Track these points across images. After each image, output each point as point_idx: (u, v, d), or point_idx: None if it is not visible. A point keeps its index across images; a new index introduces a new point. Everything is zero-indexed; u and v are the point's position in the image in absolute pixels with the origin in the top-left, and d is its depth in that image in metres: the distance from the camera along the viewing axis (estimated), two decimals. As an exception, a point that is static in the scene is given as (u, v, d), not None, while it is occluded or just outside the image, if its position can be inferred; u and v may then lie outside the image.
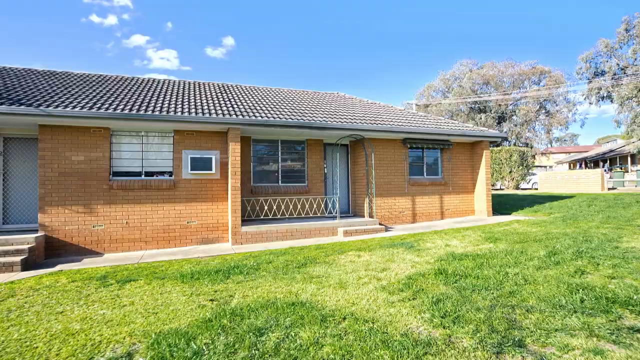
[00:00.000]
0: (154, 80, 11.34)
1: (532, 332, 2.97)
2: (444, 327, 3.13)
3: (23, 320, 3.68)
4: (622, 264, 4.72)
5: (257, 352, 2.80)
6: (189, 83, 11.63)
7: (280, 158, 9.78)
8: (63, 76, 9.86)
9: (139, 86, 9.96)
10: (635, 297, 3.51)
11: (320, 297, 4.07)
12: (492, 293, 3.89)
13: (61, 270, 5.92)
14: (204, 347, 2.90)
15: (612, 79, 28.76)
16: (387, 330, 3.12)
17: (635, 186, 19.16)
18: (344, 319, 3.41)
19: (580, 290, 3.80)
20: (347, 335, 3.04)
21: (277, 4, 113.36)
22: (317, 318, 3.40)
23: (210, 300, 4.14)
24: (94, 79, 10.09)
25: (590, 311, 3.29)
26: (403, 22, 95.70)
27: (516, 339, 2.84)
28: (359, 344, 2.86)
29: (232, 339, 3.03)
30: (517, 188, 23.31)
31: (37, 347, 3.05)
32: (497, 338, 2.87)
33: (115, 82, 10.03)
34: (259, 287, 4.54)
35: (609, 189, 17.95)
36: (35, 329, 3.43)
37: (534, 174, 25.84)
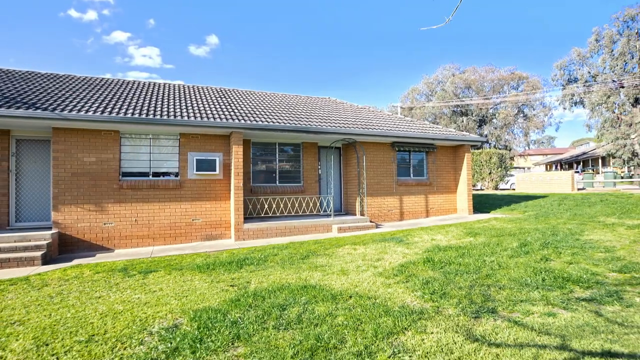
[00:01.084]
0: (155, 84, 11.73)
1: (502, 303, 3.72)
2: (433, 301, 3.84)
3: (68, 303, 4.19)
4: (580, 252, 5.59)
5: (283, 321, 3.44)
6: (189, 87, 12.08)
7: (277, 160, 10.37)
8: (67, 79, 10.16)
9: (142, 90, 10.37)
10: (585, 276, 4.32)
11: (326, 281, 4.73)
12: (472, 276, 4.64)
13: (80, 264, 6.36)
14: (238, 319, 3.51)
15: (584, 85, 30.57)
16: (387, 304, 3.80)
17: (603, 187, 20.64)
18: (350, 297, 4.08)
19: (543, 272, 4.60)
20: (355, 309, 3.71)
21: (264, 2, 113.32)
22: (328, 297, 4.06)
23: (231, 285, 4.73)
24: (97, 82, 10.43)
25: (549, 287, 4.08)
26: (398, 21, 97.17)
27: (490, 308, 3.58)
28: (366, 314, 3.53)
29: (260, 313, 3.65)
30: (496, 188, 24.60)
31: (92, 323, 3.59)
32: (475, 307, 3.60)
33: (118, 86, 10.40)
34: (271, 275, 5.16)
35: (578, 189, 19.30)
36: (84, 310, 3.95)
37: (512, 175, 27.27)
